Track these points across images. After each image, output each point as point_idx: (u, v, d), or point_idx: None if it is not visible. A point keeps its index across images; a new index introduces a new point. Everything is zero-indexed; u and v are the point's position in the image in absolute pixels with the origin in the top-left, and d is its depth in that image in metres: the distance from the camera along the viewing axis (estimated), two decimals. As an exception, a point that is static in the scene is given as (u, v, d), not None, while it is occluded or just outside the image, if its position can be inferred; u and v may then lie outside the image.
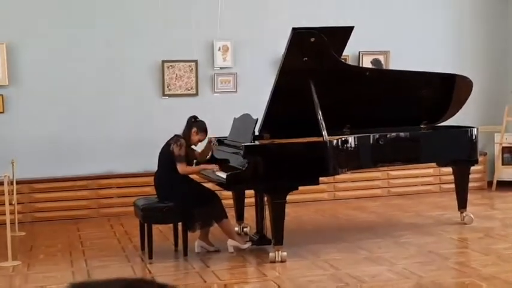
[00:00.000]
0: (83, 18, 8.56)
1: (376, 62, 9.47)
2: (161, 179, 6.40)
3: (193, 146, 6.53)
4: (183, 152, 6.22)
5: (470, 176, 7.54)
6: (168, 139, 6.41)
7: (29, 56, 8.42)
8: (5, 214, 6.40)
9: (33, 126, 8.45)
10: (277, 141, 6.59)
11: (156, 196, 6.50)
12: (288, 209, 6.32)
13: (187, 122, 6.45)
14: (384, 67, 9.40)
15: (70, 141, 8.53)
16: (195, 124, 6.41)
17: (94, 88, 8.61)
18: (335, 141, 6.20)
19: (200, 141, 6.51)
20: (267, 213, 6.36)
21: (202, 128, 6.43)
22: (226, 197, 7.17)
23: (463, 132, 7.32)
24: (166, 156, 6.31)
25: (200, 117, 6.49)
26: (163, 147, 6.41)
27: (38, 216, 8.34)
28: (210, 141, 6.72)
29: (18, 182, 7.67)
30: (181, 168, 6.22)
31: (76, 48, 8.53)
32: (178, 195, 6.20)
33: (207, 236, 6.48)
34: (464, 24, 9.93)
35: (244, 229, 7.19)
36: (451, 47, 9.87)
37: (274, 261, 5.95)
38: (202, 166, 6.54)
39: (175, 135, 6.36)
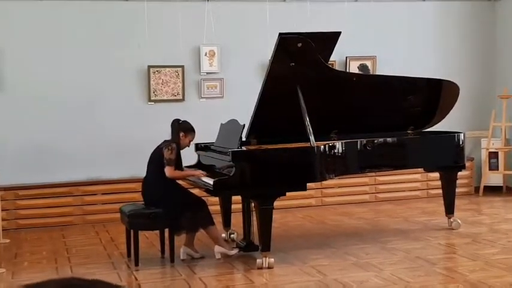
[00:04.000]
0: (68, 24, 8.51)
1: (363, 67, 9.47)
2: (149, 184, 6.35)
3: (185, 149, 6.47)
4: (173, 156, 6.18)
5: (458, 182, 7.54)
6: (157, 145, 6.37)
7: (13, 62, 8.35)
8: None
9: (18, 133, 8.38)
10: (264, 146, 6.56)
11: (142, 202, 6.45)
12: (276, 215, 6.29)
13: (172, 126, 6.40)
14: (371, 72, 9.40)
15: (55, 147, 8.47)
16: (181, 127, 6.37)
17: (79, 94, 8.55)
18: (322, 147, 6.18)
19: (191, 141, 6.46)
20: (254, 219, 6.32)
21: (189, 129, 6.40)
22: (213, 203, 7.13)
23: (450, 137, 7.32)
24: (155, 162, 6.26)
25: (186, 123, 6.45)
26: (152, 153, 6.36)
27: (23, 223, 8.26)
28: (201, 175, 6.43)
29: (2, 189, 7.60)
30: (168, 171, 6.17)
31: (61, 55, 8.48)
32: (165, 201, 6.16)
33: (193, 242, 6.43)
34: (452, 30, 9.96)
35: (231, 235, 7.15)
36: (438, 53, 9.89)
37: (261, 268, 5.92)
38: (189, 172, 6.50)
39: (166, 141, 6.32)
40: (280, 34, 6.15)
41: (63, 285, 1.36)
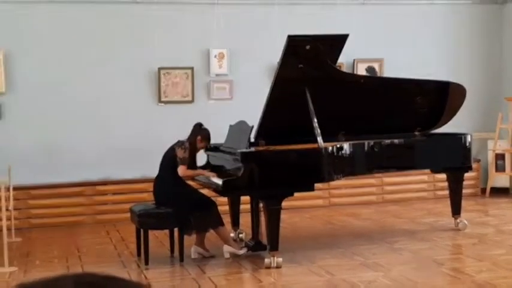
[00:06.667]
0: (79, 26, 8.58)
1: (370, 69, 9.52)
2: (161, 184, 6.43)
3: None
4: (187, 155, 6.28)
5: (464, 183, 7.56)
6: (171, 145, 6.45)
7: (25, 63, 8.44)
8: (1, 220, 6.42)
9: (30, 133, 8.47)
10: (272, 147, 6.62)
11: (152, 202, 6.53)
12: (283, 215, 6.34)
13: (194, 128, 6.49)
14: (379, 75, 9.45)
15: (66, 147, 8.55)
16: (201, 132, 6.47)
17: (90, 95, 8.62)
18: (330, 148, 6.23)
19: (202, 148, 6.61)
20: (262, 219, 6.38)
21: (207, 137, 6.52)
22: (222, 203, 7.19)
23: (457, 139, 7.35)
24: (168, 161, 6.35)
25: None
26: (166, 152, 6.45)
27: (35, 223, 8.35)
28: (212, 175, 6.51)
29: (14, 188, 7.67)
30: (181, 170, 6.27)
31: (72, 56, 8.55)
32: (176, 201, 6.23)
33: (203, 241, 6.50)
34: (459, 32, 9.98)
35: (240, 235, 7.21)
36: (445, 55, 9.92)
37: (269, 267, 5.97)
38: (201, 171, 6.58)
39: (180, 141, 6.41)
40: (288, 36, 6.21)
41: (77, 281, 1.40)
